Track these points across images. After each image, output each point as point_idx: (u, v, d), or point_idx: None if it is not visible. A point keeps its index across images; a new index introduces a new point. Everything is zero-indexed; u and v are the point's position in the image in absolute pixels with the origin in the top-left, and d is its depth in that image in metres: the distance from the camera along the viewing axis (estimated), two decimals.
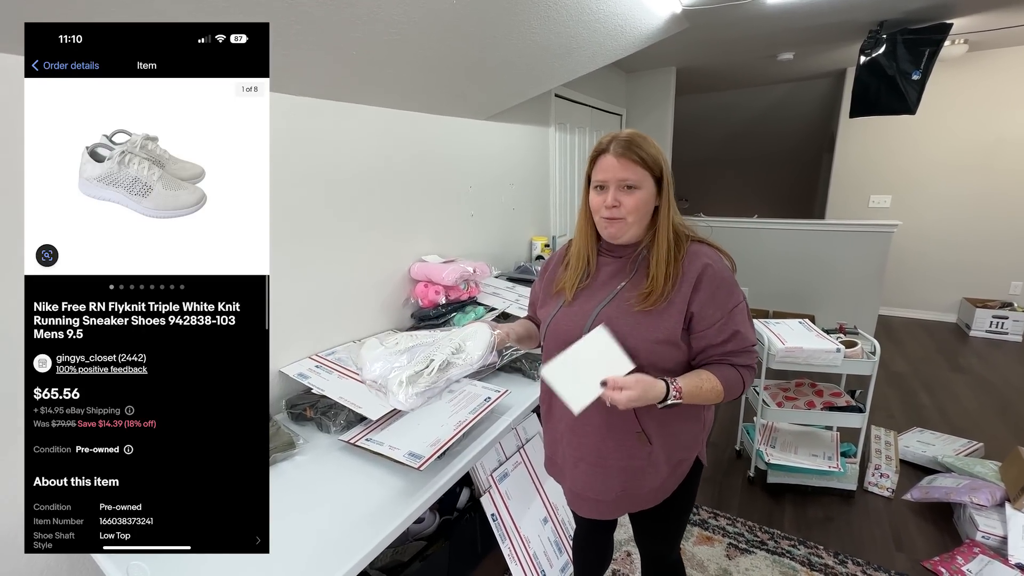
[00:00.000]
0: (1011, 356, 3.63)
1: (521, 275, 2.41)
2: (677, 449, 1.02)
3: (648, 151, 0.94)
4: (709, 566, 1.76)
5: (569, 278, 1.05)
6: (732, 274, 0.98)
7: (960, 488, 1.91)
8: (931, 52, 2.78)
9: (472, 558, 1.60)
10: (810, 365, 2.00)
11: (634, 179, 0.93)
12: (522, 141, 2.75)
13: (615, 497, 1.03)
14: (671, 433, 1.00)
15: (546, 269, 1.17)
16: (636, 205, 0.94)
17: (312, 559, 0.91)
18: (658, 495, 1.05)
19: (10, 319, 0.98)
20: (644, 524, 1.16)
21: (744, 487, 2.19)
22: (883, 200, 4.47)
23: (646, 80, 4.10)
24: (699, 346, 0.95)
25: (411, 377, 0.97)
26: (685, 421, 1.02)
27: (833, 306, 3.74)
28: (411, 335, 1.11)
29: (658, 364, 0.94)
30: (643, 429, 0.97)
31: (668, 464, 1.01)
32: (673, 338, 0.93)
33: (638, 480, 1.01)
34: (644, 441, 0.98)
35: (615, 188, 0.94)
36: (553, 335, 1.03)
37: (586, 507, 1.11)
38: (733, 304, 0.94)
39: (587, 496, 1.07)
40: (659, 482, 1.02)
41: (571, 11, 1.70)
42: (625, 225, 0.96)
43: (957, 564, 1.69)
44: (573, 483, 1.08)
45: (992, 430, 2.59)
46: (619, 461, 1.00)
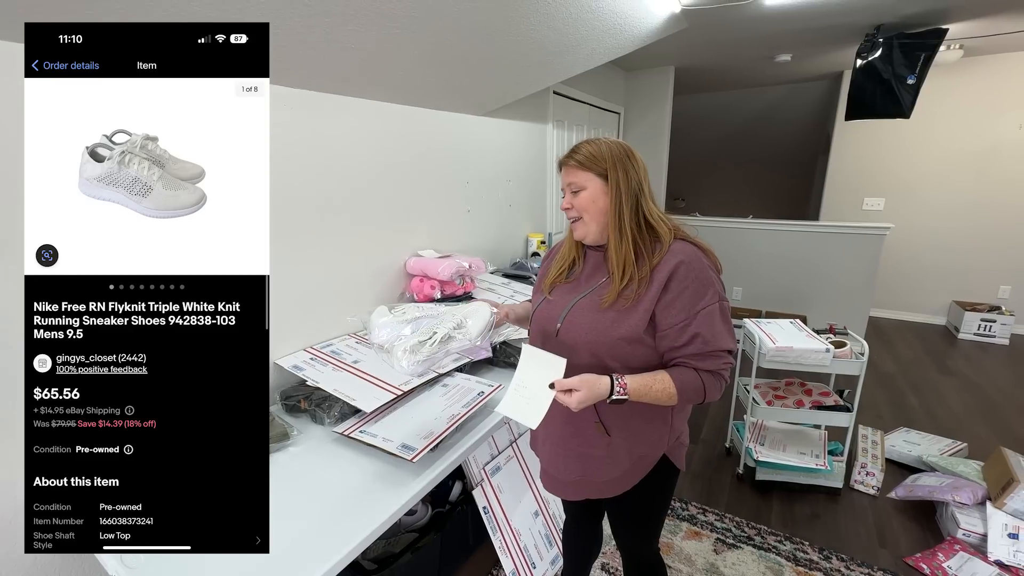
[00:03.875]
0: (998, 359, 3.68)
1: (517, 271, 2.42)
2: (639, 444, 1.04)
3: (587, 151, 0.98)
4: (697, 560, 1.79)
5: (552, 273, 1.11)
6: (710, 275, 0.94)
7: (943, 487, 1.95)
8: (926, 57, 2.80)
9: (463, 550, 1.62)
10: (800, 364, 2.03)
11: (577, 181, 1.00)
12: (520, 137, 2.75)
13: (575, 479, 1.09)
14: (632, 428, 1.02)
15: (547, 259, 1.22)
16: (583, 204, 1.00)
17: (303, 548, 0.93)
18: (619, 486, 1.08)
19: (10, 319, 0.99)
20: (618, 520, 1.21)
21: (733, 484, 2.22)
22: (876, 203, 4.51)
23: (645, 79, 4.10)
24: (661, 347, 0.95)
25: (414, 347, 1.04)
26: (649, 422, 1.03)
27: (825, 307, 3.78)
28: (418, 307, 1.17)
29: (626, 361, 0.96)
30: (601, 420, 1.01)
31: (629, 458, 1.04)
32: (636, 336, 0.94)
33: (597, 468, 1.05)
34: (602, 432, 1.02)
35: (568, 193, 1.02)
36: (535, 324, 1.10)
37: (549, 483, 1.18)
38: (702, 306, 0.92)
39: (550, 473, 1.15)
40: (619, 473, 1.05)
41: (570, 8, 1.70)
42: (583, 224, 1.02)
43: (938, 561, 1.73)
44: (542, 459, 1.16)
45: (977, 431, 2.64)
46: (578, 447, 1.05)
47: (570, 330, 1.00)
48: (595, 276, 1.04)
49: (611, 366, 0.96)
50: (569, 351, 0.96)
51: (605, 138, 1.01)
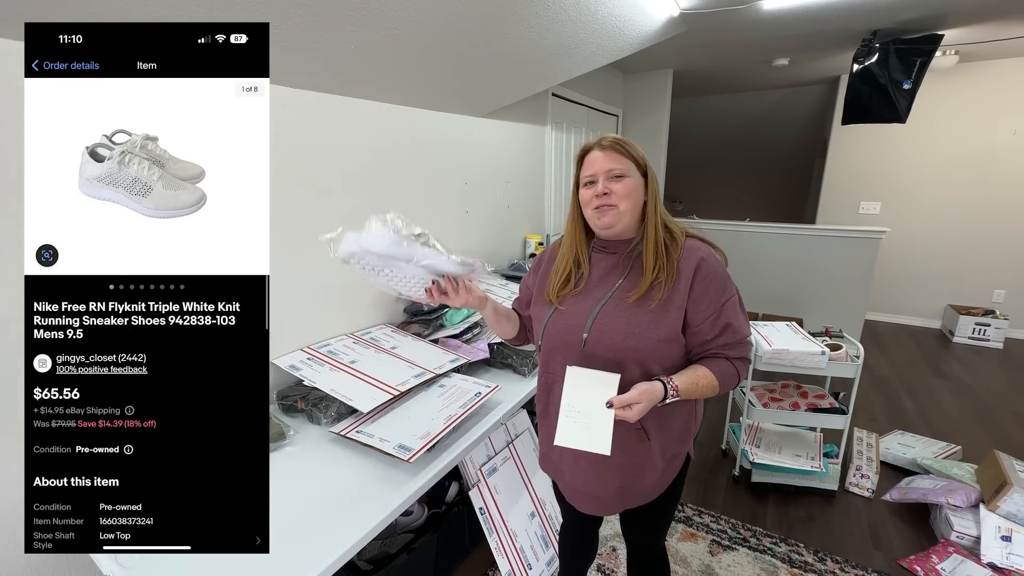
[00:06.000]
0: (992, 362, 3.71)
1: (515, 272, 2.43)
2: (671, 443, 1.04)
3: (633, 147, 0.99)
4: (692, 562, 1.80)
5: (554, 282, 1.06)
6: (725, 269, 1.00)
7: (937, 489, 1.96)
8: (922, 62, 2.82)
9: (459, 551, 1.62)
10: (796, 367, 2.04)
11: (621, 168, 0.96)
12: (518, 139, 2.75)
13: (614, 493, 1.06)
14: (667, 428, 1.02)
15: (539, 266, 1.17)
16: (626, 191, 0.96)
17: (298, 549, 0.93)
18: (654, 491, 1.08)
19: (10, 319, 0.98)
20: (635, 516, 1.18)
21: (729, 485, 2.23)
22: (873, 207, 4.53)
23: (643, 82, 4.11)
24: (693, 341, 0.97)
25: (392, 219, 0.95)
26: (680, 419, 1.04)
27: (821, 310, 3.79)
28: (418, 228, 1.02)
29: (663, 362, 0.96)
30: (642, 426, 0.99)
31: (663, 459, 1.04)
32: (675, 335, 0.95)
33: (636, 476, 1.04)
34: (643, 437, 1.00)
35: (604, 179, 0.96)
36: (551, 337, 1.03)
37: (586, 503, 1.13)
38: (726, 298, 0.96)
39: (588, 492, 1.09)
40: (655, 477, 1.05)
41: (569, 11, 1.71)
42: (617, 213, 0.96)
43: (932, 563, 1.74)
44: (573, 479, 1.09)
45: (971, 434, 2.65)
46: (618, 458, 1.01)
47: (602, 338, 0.96)
48: (609, 279, 1.01)
49: (653, 370, 0.95)
50: (604, 362, 0.94)
51: None
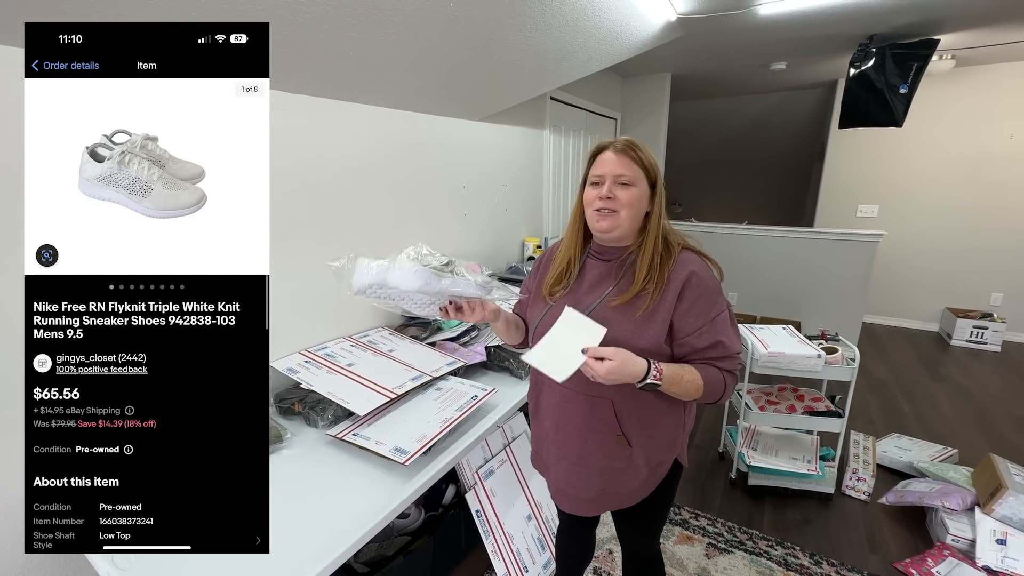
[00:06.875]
0: (989, 365, 3.72)
1: (513, 275, 2.43)
2: (656, 452, 1.04)
3: (646, 155, 0.99)
4: (688, 565, 1.80)
5: (550, 277, 1.08)
6: (718, 283, 0.99)
7: (933, 492, 1.96)
8: (919, 67, 2.84)
9: (456, 554, 1.62)
10: (792, 370, 2.04)
11: (630, 175, 0.96)
12: (516, 142, 2.76)
13: (595, 495, 1.06)
14: (650, 437, 1.02)
15: (538, 268, 1.19)
16: (630, 200, 0.96)
17: (294, 551, 0.93)
18: (636, 495, 1.08)
19: (10, 319, 0.98)
20: (625, 520, 1.20)
21: (726, 488, 2.23)
22: (870, 210, 4.55)
23: (641, 85, 4.12)
24: (681, 352, 0.98)
25: (421, 255, 0.95)
26: (665, 429, 1.04)
27: (819, 313, 3.81)
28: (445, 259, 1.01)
29: None
30: (623, 432, 1.00)
31: (647, 467, 1.04)
32: (657, 346, 0.95)
33: (617, 481, 1.04)
34: (624, 444, 1.01)
35: (611, 182, 0.96)
36: (539, 336, 1.04)
37: (567, 502, 1.15)
38: (715, 313, 0.96)
39: (568, 492, 1.11)
40: (638, 483, 1.05)
41: (567, 15, 1.72)
42: (617, 220, 0.97)
43: (927, 566, 1.74)
44: (555, 479, 1.12)
45: (968, 437, 2.66)
46: (599, 462, 1.03)
47: None
48: (600, 286, 1.02)
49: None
50: None
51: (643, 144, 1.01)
